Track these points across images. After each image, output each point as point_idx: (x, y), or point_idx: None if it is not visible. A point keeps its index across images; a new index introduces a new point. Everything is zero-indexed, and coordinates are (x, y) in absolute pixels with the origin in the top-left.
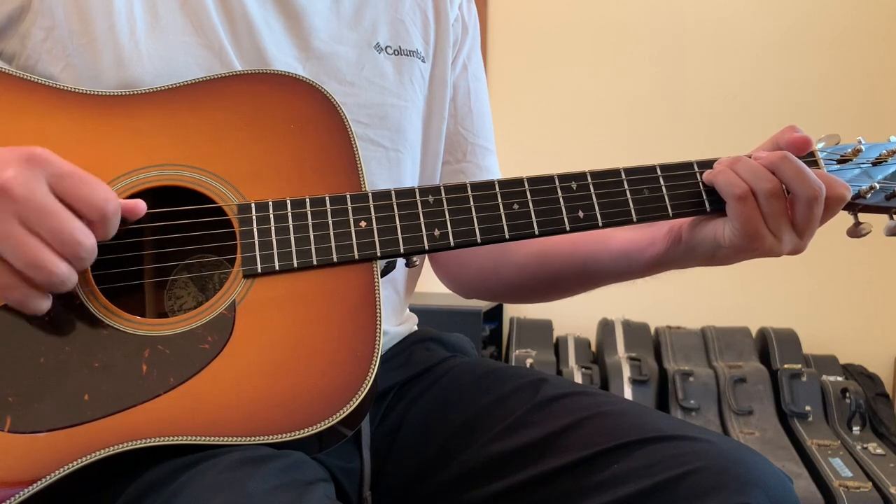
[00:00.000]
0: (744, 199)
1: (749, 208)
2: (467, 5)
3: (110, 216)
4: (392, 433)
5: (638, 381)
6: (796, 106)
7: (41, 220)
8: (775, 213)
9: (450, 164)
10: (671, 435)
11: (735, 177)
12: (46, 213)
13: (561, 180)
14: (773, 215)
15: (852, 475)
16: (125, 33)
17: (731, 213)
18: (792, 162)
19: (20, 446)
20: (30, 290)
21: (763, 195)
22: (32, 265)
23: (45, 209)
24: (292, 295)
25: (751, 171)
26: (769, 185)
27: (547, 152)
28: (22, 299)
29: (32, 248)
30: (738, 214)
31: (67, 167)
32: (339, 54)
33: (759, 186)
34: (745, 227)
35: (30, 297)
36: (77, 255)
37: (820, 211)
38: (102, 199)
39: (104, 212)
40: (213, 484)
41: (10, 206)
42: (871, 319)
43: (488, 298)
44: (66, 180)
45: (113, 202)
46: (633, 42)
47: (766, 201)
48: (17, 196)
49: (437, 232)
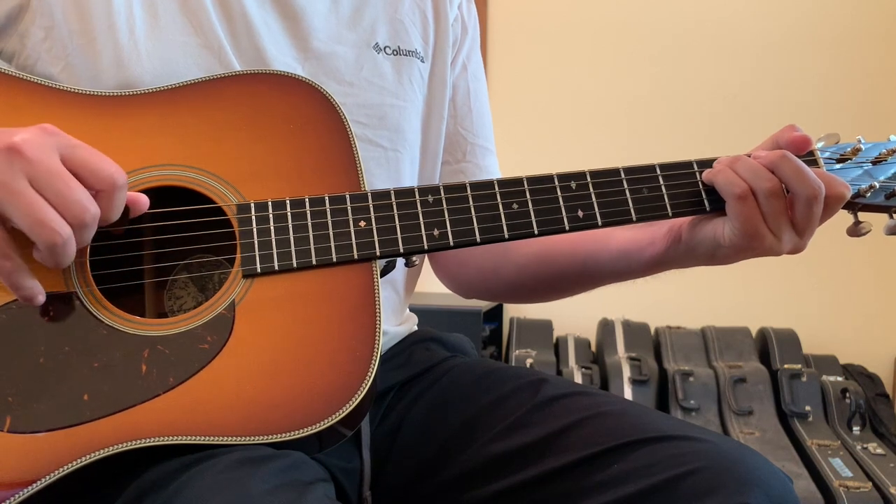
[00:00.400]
0: (744, 199)
1: (749, 207)
2: (467, 5)
3: (118, 187)
4: (392, 433)
5: (638, 381)
6: (796, 106)
7: (50, 181)
8: (775, 213)
9: (449, 164)
10: (671, 435)
11: (735, 176)
12: (55, 176)
13: (560, 180)
14: (772, 214)
15: (852, 475)
16: (124, 33)
17: (730, 212)
18: (791, 161)
19: (20, 446)
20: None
21: (763, 194)
22: (37, 222)
23: (55, 171)
24: (292, 295)
25: (750, 171)
26: (769, 185)
27: (546, 152)
28: (12, 270)
29: (39, 206)
30: (737, 214)
31: (78, 140)
32: (337, 54)
33: (759, 185)
34: (745, 227)
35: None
36: (81, 220)
37: (819, 210)
38: (111, 171)
39: (113, 181)
40: (213, 484)
41: (22, 164)
42: (871, 319)
43: (488, 298)
44: (78, 150)
45: (121, 175)
46: (633, 42)
47: (766, 200)
48: (30, 157)
49: (437, 232)
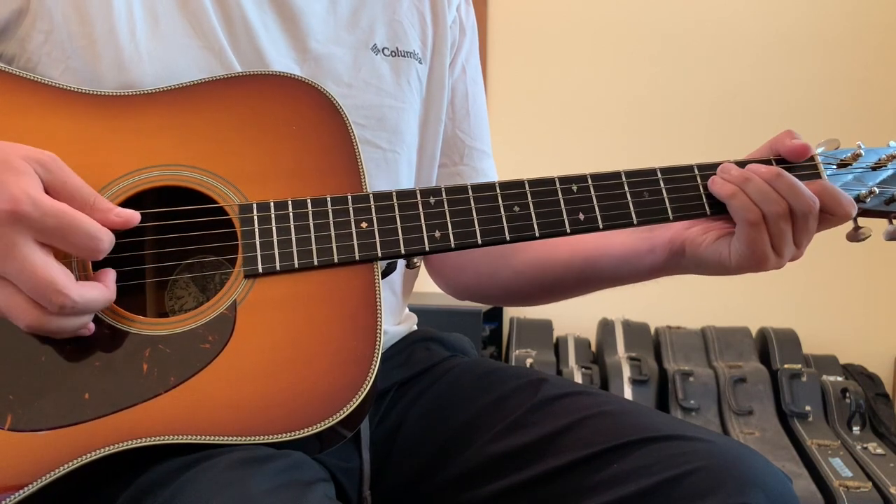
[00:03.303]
0: (757, 225)
1: (759, 232)
2: (465, 7)
3: (103, 253)
4: (392, 433)
5: (638, 381)
6: (796, 106)
7: (21, 279)
8: (781, 233)
9: (446, 167)
10: (671, 435)
11: (749, 202)
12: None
13: (561, 182)
14: (779, 236)
15: (852, 475)
16: (125, 35)
17: (740, 235)
18: (785, 178)
19: (20, 445)
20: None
21: (772, 218)
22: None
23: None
24: (293, 295)
25: (761, 194)
26: (778, 209)
27: (547, 153)
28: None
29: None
30: (748, 237)
31: (52, 213)
32: (335, 56)
33: (769, 210)
34: (754, 249)
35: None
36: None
37: (815, 224)
38: (93, 244)
39: (96, 253)
40: (213, 484)
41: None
42: (871, 319)
43: (483, 302)
44: (52, 233)
45: (105, 240)
46: (633, 42)
47: (775, 223)
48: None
49: (438, 233)
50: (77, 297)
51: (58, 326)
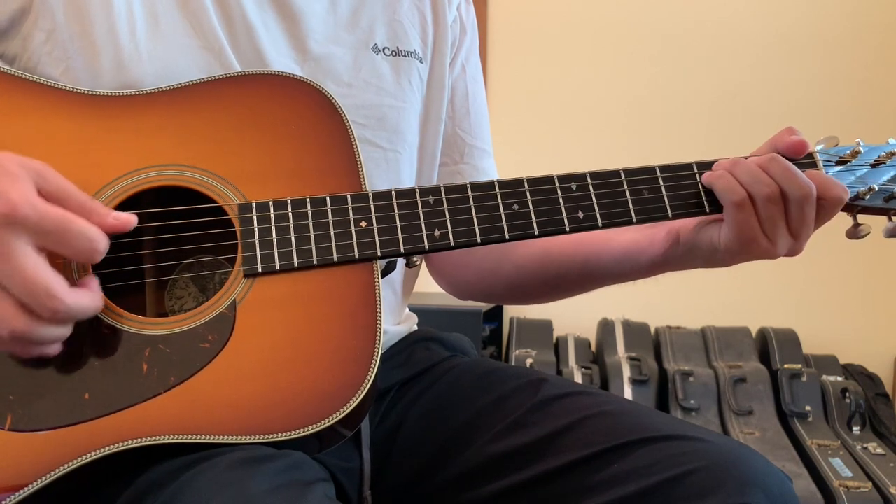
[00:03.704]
0: (741, 206)
1: (746, 214)
2: (465, 6)
3: (100, 256)
4: (392, 433)
5: (638, 381)
6: (796, 106)
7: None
8: (772, 218)
9: (447, 166)
10: (671, 435)
11: (734, 182)
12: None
13: (561, 181)
14: (769, 219)
15: (852, 475)
16: (125, 35)
17: (727, 218)
18: (780, 162)
19: (20, 445)
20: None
21: (761, 200)
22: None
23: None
24: (293, 294)
25: (750, 175)
26: (767, 190)
27: (546, 152)
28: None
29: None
30: (734, 220)
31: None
32: (335, 56)
33: (757, 191)
34: (741, 232)
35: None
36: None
37: (812, 211)
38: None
39: (93, 256)
40: (213, 484)
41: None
42: (871, 319)
43: (485, 300)
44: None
45: (102, 243)
46: (633, 42)
47: (764, 206)
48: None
49: (438, 232)
50: (71, 302)
51: (44, 335)
